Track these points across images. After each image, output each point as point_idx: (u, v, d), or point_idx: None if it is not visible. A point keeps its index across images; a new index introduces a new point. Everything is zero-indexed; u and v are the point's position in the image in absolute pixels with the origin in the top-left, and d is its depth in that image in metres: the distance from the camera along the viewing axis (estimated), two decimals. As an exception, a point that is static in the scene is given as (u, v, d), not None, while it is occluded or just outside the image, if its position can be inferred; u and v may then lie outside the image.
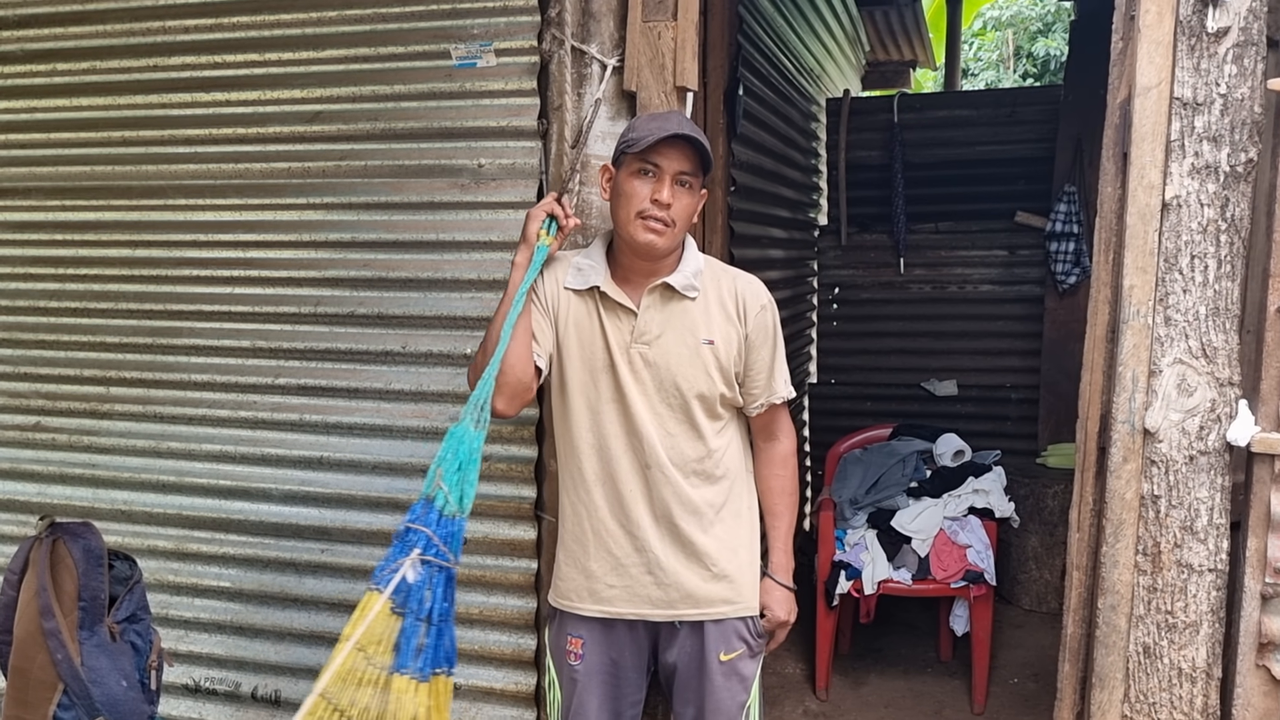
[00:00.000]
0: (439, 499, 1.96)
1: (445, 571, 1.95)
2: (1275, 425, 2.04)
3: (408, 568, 1.92)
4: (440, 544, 1.94)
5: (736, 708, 2.14)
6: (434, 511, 1.96)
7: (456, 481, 1.97)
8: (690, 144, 1.99)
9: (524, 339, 2.05)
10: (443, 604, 1.95)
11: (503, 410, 2.07)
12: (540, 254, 2.07)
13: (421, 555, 1.93)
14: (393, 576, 1.91)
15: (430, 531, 1.94)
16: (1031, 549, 4.50)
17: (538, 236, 2.07)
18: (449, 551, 1.96)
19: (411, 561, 1.92)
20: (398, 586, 1.90)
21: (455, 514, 1.97)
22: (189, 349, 2.89)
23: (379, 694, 1.90)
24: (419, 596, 1.92)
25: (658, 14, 2.38)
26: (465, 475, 1.98)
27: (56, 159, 2.94)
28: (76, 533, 2.18)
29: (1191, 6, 2.03)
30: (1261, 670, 2.09)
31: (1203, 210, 2.06)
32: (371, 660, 1.90)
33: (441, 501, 1.96)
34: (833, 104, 5.73)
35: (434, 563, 1.94)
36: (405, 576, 1.91)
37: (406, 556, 1.92)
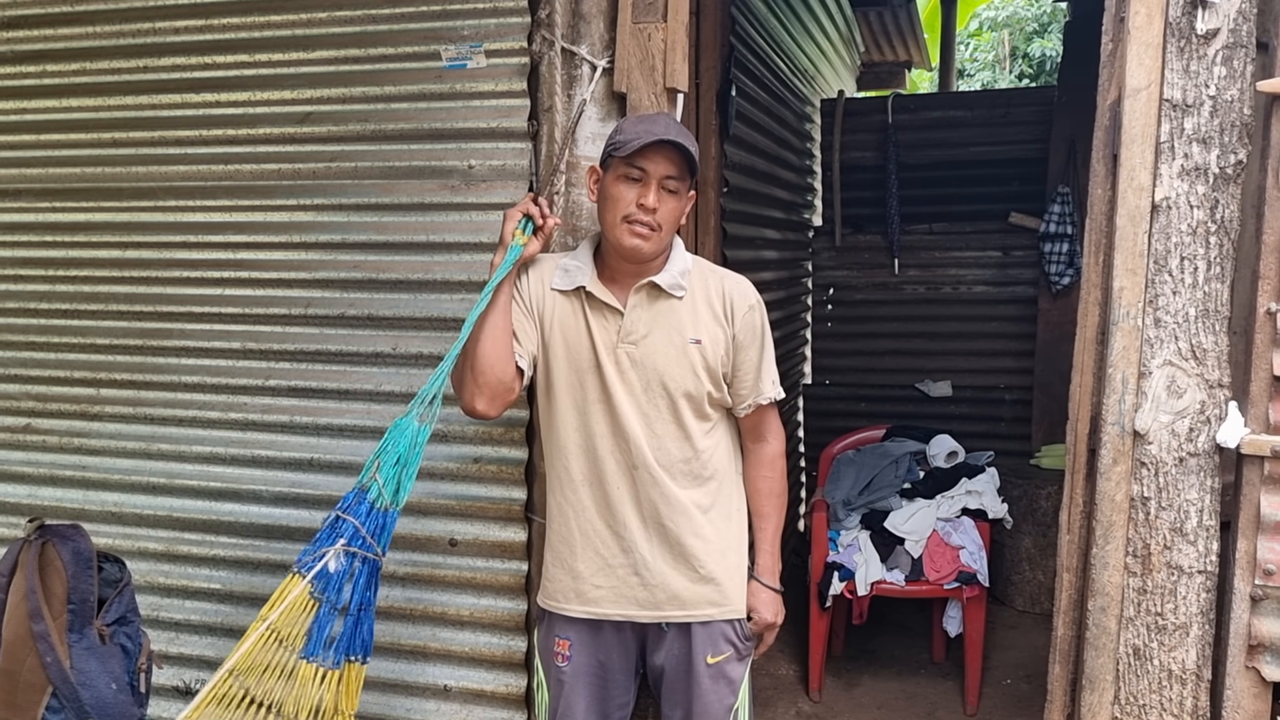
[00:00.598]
0: (373, 490, 1.98)
1: (370, 563, 1.98)
2: (1264, 427, 2.04)
3: (331, 557, 1.95)
4: (367, 536, 1.97)
5: (724, 710, 2.14)
6: (365, 503, 1.98)
7: (393, 475, 1.99)
8: (676, 149, 1.99)
9: (504, 339, 2.05)
10: (365, 593, 1.99)
11: (484, 411, 2.07)
12: (513, 253, 2.07)
13: (346, 546, 1.96)
14: (316, 563, 1.94)
15: (358, 523, 1.97)
16: (1025, 550, 4.50)
17: (512, 236, 2.07)
18: (375, 544, 1.98)
19: (335, 552, 1.95)
20: (318, 573, 1.93)
21: (387, 507, 1.99)
22: (179, 350, 2.88)
23: (285, 679, 1.94)
24: (338, 586, 1.96)
25: (648, 15, 2.37)
26: (404, 469, 2.00)
27: (46, 160, 2.93)
28: (65, 535, 2.17)
29: (1181, 8, 2.03)
30: (1251, 672, 2.09)
31: (1192, 212, 2.06)
32: (284, 643, 1.94)
33: (375, 494, 1.98)
34: (827, 105, 5.74)
35: (358, 554, 1.96)
36: (327, 565, 1.94)
37: (332, 545, 1.95)
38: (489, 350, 2.03)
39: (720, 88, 3.35)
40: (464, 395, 2.07)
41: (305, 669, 1.95)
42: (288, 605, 1.94)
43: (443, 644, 2.73)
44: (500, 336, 2.05)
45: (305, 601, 1.95)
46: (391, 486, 1.99)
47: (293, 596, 1.94)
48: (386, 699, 2.77)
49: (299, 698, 1.95)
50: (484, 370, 2.03)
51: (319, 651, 1.97)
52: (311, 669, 1.96)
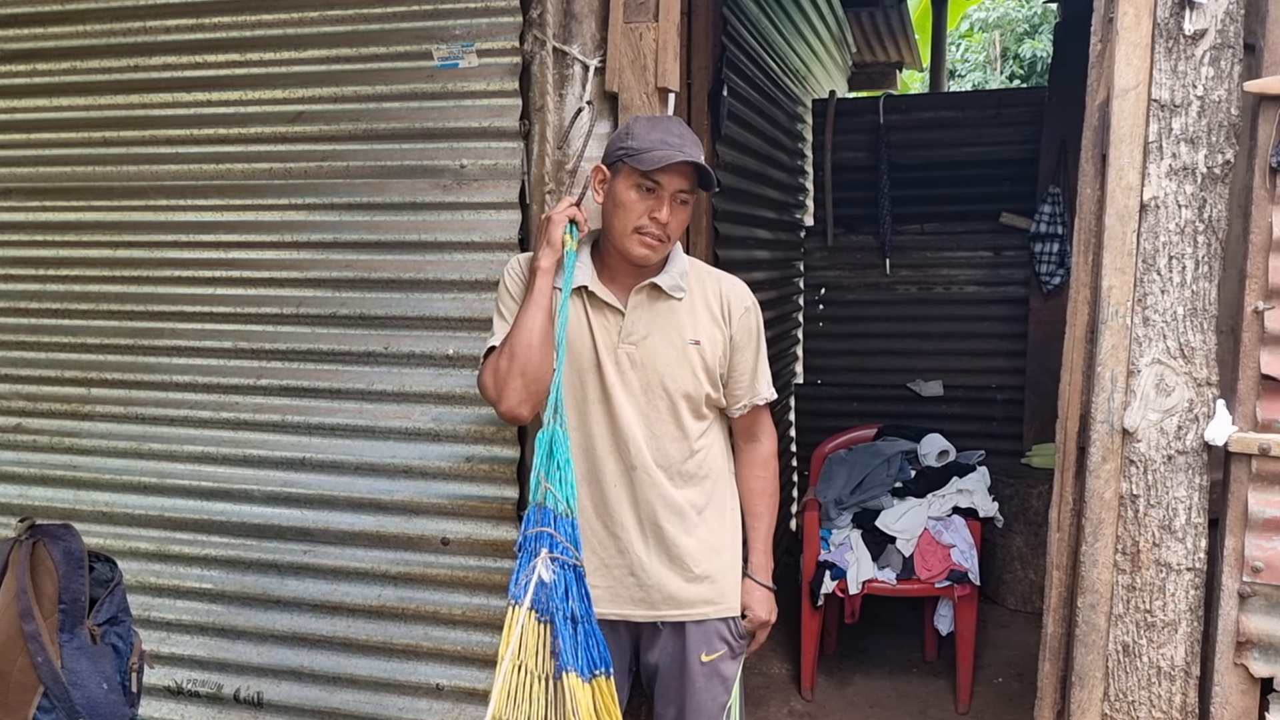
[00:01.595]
0: (550, 501, 1.97)
1: (575, 570, 1.96)
2: (1252, 425, 2.05)
3: (541, 569, 1.93)
4: (565, 541, 1.95)
5: (718, 709, 2.15)
6: (549, 514, 1.96)
7: (559, 482, 1.98)
8: (693, 164, 1.99)
9: (551, 343, 2.03)
10: (581, 604, 1.96)
11: (526, 416, 2.06)
12: (570, 259, 2.06)
13: (550, 554, 1.94)
14: (528, 585, 1.92)
15: (553, 531, 1.95)
16: (1016, 549, 4.52)
17: (563, 243, 2.06)
18: (573, 548, 1.96)
19: (543, 561, 1.93)
20: (535, 593, 1.91)
21: (568, 513, 1.97)
22: (170, 350, 2.88)
23: (552, 699, 1.91)
24: (559, 597, 1.93)
25: (639, 15, 2.38)
26: (564, 475, 1.98)
27: (36, 159, 2.93)
28: (57, 535, 2.16)
29: (1169, 9, 2.04)
30: (1239, 668, 2.10)
31: (1180, 211, 2.07)
32: (533, 673, 1.91)
33: (553, 503, 1.97)
34: (819, 105, 5.75)
35: (563, 560, 1.95)
36: (541, 578, 1.92)
37: (535, 560, 1.93)
38: (543, 357, 2.01)
39: (712, 88, 3.35)
40: (509, 400, 2.03)
41: (569, 680, 1.91)
42: (519, 635, 1.90)
43: (435, 643, 2.73)
44: (550, 342, 2.03)
45: (535, 626, 1.92)
46: (564, 494, 1.97)
47: (520, 625, 1.90)
48: (379, 698, 2.78)
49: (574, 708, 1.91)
50: (537, 378, 2.02)
51: (571, 661, 1.92)
52: (573, 678, 1.91)
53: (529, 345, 2.01)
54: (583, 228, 2.10)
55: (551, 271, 2.05)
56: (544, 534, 1.95)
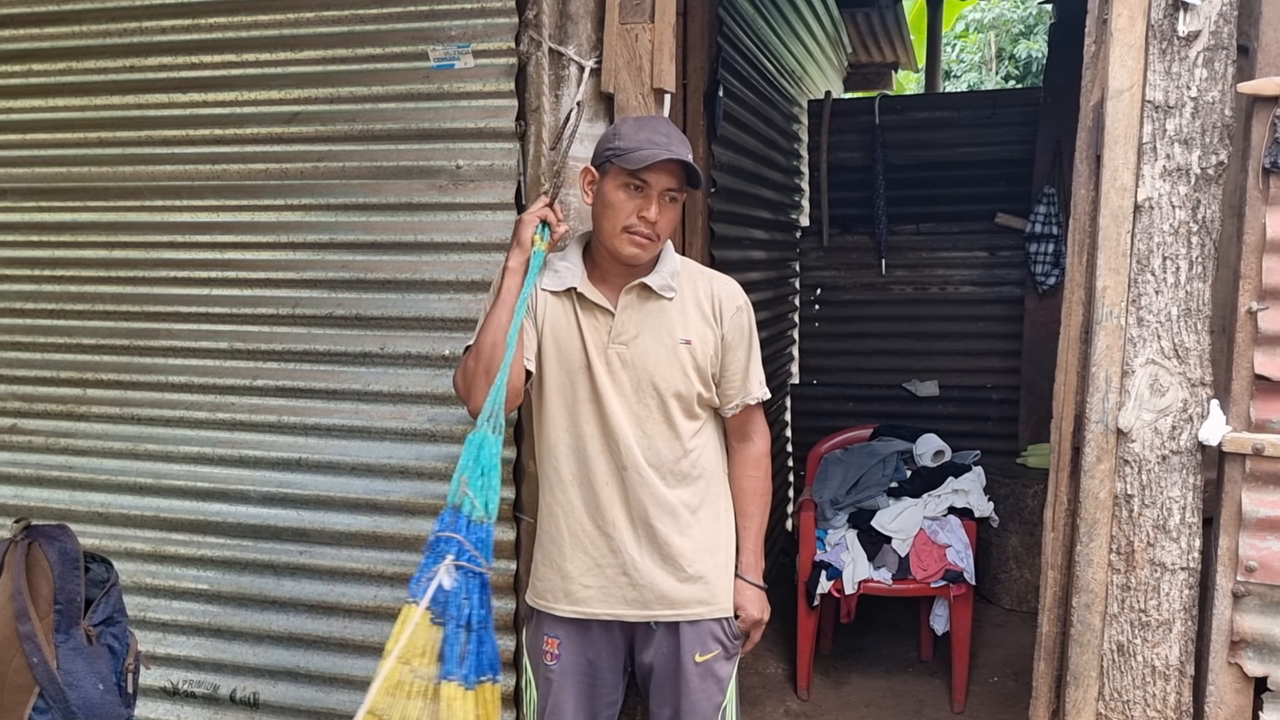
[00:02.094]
0: (466, 505, 1.97)
1: (480, 577, 1.95)
2: (1246, 425, 2.06)
3: (443, 574, 1.92)
4: (472, 549, 1.94)
5: (712, 709, 2.15)
6: (463, 518, 1.96)
7: (481, 487, 1.97)
8: (680, 162, 2.00)
9: (520, 345, 2.05)
10: (480, 610, 1.95)
11: None
12: (537, 260, 2.06)
13: (455, 561, 1.93)
14: (429, 586, 1.91)
15: (462, 537, 1.94)
16: (1012, 548, 4.53)
17: (532, 242, 2.07)
18: (481, 557, 1.96)
19: (446, 568, 1.93)
20: (435, 596, 1.91)
21: (483, 519, 1.97)
22: (166, 350, 2.88)
23: (428, 704, 1.90)
24: (457, 603, 1.92)
25: (635, 16, 2.38)
26: (488, 480, 1.98)
27: (32, 160, 2.93)
28: (52, 535, 2.16)
29: (1163, 11, 2.05)
30: (1233, 668, 2.11)
31: (1174, 212, 2.08)
32: (416, 672, 1.91)
33: (469, 508, 1.96)
34: (814, 105, 5.75)
35: (468, 568, 1.94)
36: (441, 584, 1.91)
37: (440, 564, 1.92)
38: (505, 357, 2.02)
39: (707, 88, 3.35)
40: (476, 399, 2.04)
41: (448, 689, 1.91)
42: (411, 633, 1.90)
43: (431, 643, 2.73)
44: (519, 342, 2.04)
45: (427, 628, 1.92)
46: (483, 499, 1.97)
47: (414, 625, 1.91)
48: (375, 699, 2.77)
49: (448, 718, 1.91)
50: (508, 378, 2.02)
51: (455, 670, 1.92)
52: (453, 687, 1.91)
53: (494, 344, 2.02)
54: (557, 229, 2.10)
55: (520, 272, 2.05)
56: (453, 539, 1.94)
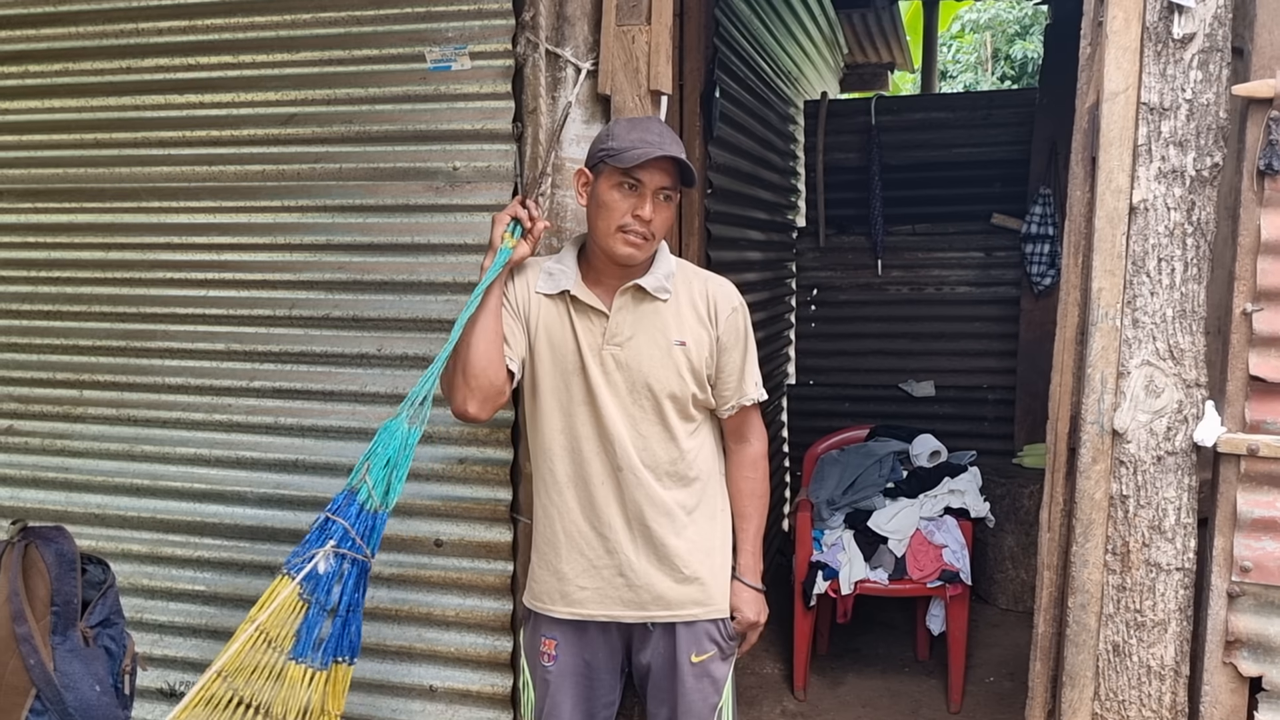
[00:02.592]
0: (362, 492, 2.00)
1: (359, 564, 1.99)
2: (1241, 425, 2.07)
3: (320, 559, 1.96)
4: (357, 537, 1.98)
5: (708, 709, 2.15)
6: (355, 504, 2.00)
7: (383, 476, 2.00)
8: (673, 160, 2.00)
9: (495, 342, 2.06)
10: (353, 594, 2.00)
11: (475, 414, 2.07)
12: (502, 256, 2.08)
13: (336, 548, 1.97)
14: (305, 565, 1.95)
15: (348, 524, 1.98)
16: (1008, 548, 4.53)
17: (501, 240, 2.08)
18: (365, 545, 1.99)
19: (325, 553, 1.96)
20: (308, 575, 1.95)
21: (377, 508, 2.01)
22: (163, 352, 2.88)
23: (273, 680, 1.96)
24: (327, 588, 1.97)
25: (631, 18, 2.39)
26: (394, 471, 2.01)
27: (28, 161, 2.92)
28: (49, 537, 2.16)
29: (1158, 13, 2.06)
30: (1228, 667, 2.12)
31: (1169, 214, 2.09)
32: (273, 644, 1.96)
33: (364, 495, 1.99)
34: (810, 106, 5.76)
35: (348, 555, 1.97)
36: (317, 567, 1.95)
37: (322, 547, 1.96)
38: (482, 354, 2.04)
39: (704, 90, 3.36)
40: (455, 399, 2.07)
41: (293, 670, 1.97)
42: (277, 606, 1.95)
43: (428, 644, 2.73)
44: (492, 340, 2.05)
45: (294, 603, 1.96)
46: (381, 488, 2.00)
47: (282, 598, 1.95)
48: (372, 700, 2.78)
49: (287, 699, 1.96)
50: (476, 374, 2.04)
51: (307, 652, 1.98)
52: (300, 670, 1.97)
53: (468, 344, 2.04)
54: (534, 225, 2.11)
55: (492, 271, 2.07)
56: (339, 525, 1.98)
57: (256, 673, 1.95)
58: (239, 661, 1.93)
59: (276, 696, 1.96)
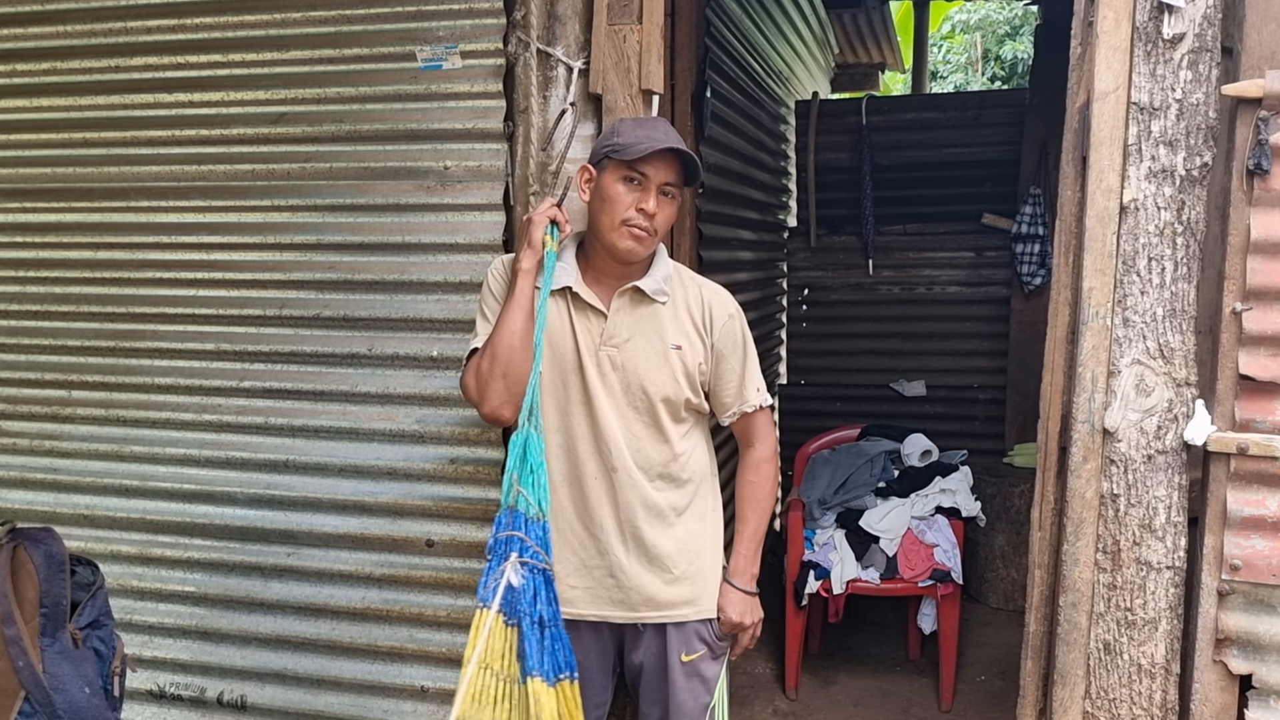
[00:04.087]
0: (521, 504, 1.97)
1: (544, 573, 1.96)
2: (1230, 424, 2.07)
3: (510, 573, 1.93)
4: (536, 546, 1.95)
5: (699, 709, 2.15)
6: (520, 516, 1.97)
7: (532, 485, 1.98)
8: (678, 156, 2.00)
9: (531, 346, 2.04)
10: (549, 607, 1.96)
11: (509, 418, 2.05)
12: (550, 260, 2.06)
13: (520, 558, 1.94)
14: (497, 588, 1.92)
15: (524, 535, 1.95)
16: (999, 548, 4.54)
17: (543, 244, 2.06)
18: (543, 553, 1.96)
19: (512, 565, 1.94)
20: (504, 596, 1.92)
21: (539, 516, 1.98)
22: (152, 352, 2.86)
23: (515, 706, 1.92)
24: (528, 600, 1.93)
25: (623, 17, 2.38)
26: (537, 478, 1.99)
27: (16, 160, 2.91)
28: (37, 538, 2.15)
29: (1148, 13, 2.06)
30: (1219, 665, 2.12)
31: (1159, 213, 2.09)
32: (499, 675, 1.92)
33: (525, 506, 1.97)
34: (801, 106, 5.77)
35: (533, 564, 1.95)
36: (510, 582, 1.92)
37: (505, 564, 1.93)
38: (524, 358, 2.02)
39: (695, 89, 3.36)
40: (491, 401, 2.03)
41: (533, 686, 1.91)
42: (487, 638, 1.91)
43: (420, 645, 2.73)
44: (530, 344, 2.03)
45: (503, 630, 1.93)
46: (536, 496, 1.98)
47: (488, 629, 1.91)
48: (363, 700, 2.77)
49: (537, 714, 1.91)
50: (519, 378, 2.02)
51: (538, 667, 1.92)
52: (539, 683, 1.91)
53: (510, 346, 2.01)
54: (564, 228, 2.10)
55: (533, 273, 2.05)
56: (514, 538, 1.96)
57: (497, 706, 1.91)
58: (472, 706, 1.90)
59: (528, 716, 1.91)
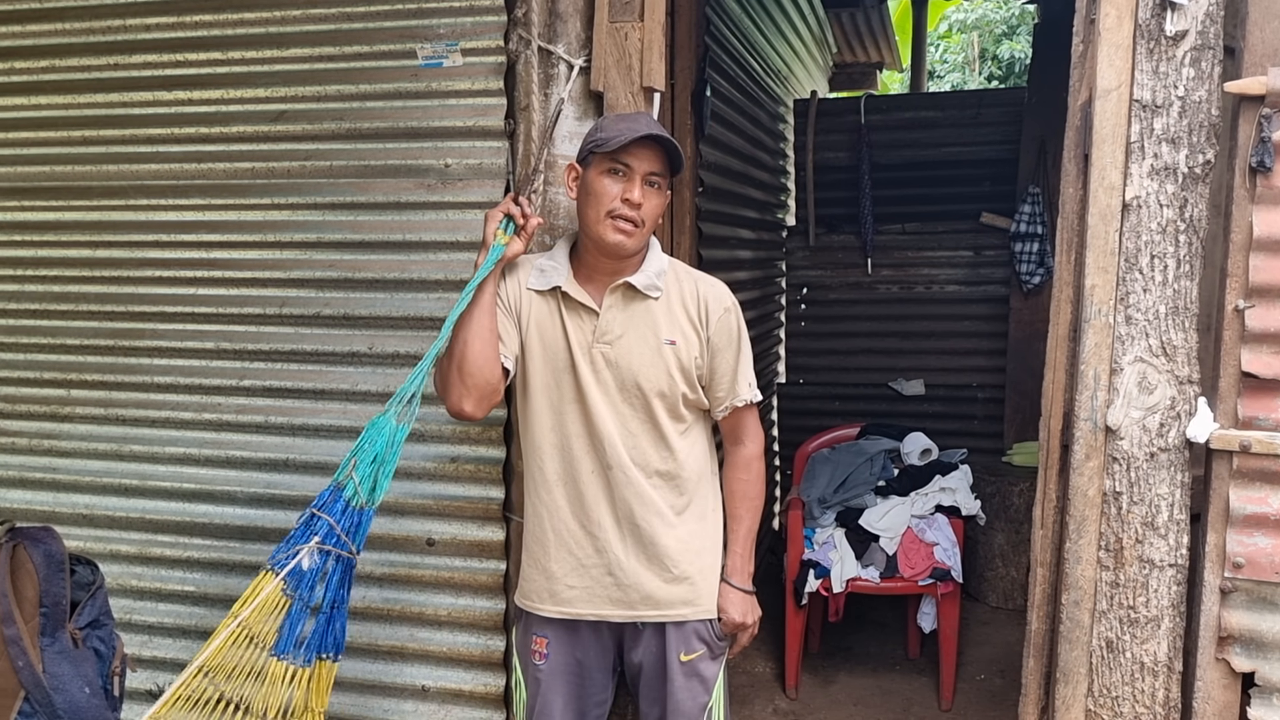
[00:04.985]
0: (348, 488, 1.99)
1: (344, 561, 1.99)
2: (1233, 422, 2.07)
3: (304, 555, 1.96)
4: (342, 534, 1.98)
5: (698, 709, 2.14)
6: (340, 500, 1.99)
7: (370, 473, 2.00)
8: (661, 145, 2.00)
9: (490, 340, 2.05)
10: (338, 591, 2.00)
11: (471, 412, 2.06)
12: (494, 253, 2.07)
13: (320, 544, 1.96)
14: (289, 561, 1.94)
15: (333, 520, 1.98)
16: (998, 546, 4.55)
17: (494, 237, 2.07)
18: (350, 541, 1.99)
19: (309, 549, 1.96)
20: (291, 571, 1.94)
21: (363, 505, 2.00)
22: (151, 351, 2.86)
23: (255, 678, 1.95)
24: (311, 584, 1.97)
25: (624, 15, 2.38)
26: (381, 468, 2.00)
27: (15, 158, 2.89)
28: (37, 538, 2.14)
29: (1150, 10, 2.06)
30: (1221, 663, 2.12)
31: (1162, 211, 2.09)
32: (255, 641, 1.95)
33: (350, 492, 1.99)
34: (800, 105, 5.77)
35: (332, 552, 1.97)
36: (301, 563, 1.95)
37: (306, 543, 1.95)
38: (478, 352, 2.02)
39: (695, 87, 3.35)
40: (451, 397, 2.05)
41: (276, 667, 1.96)
42: (260, 603, 1.94)
43: (420, 644, 2.72)
44: (488, 338, 2.04)
45: (278, 599, 1.96)
46: (368, 485, 1.99)
47: (265, 594, 1.94)
48: (364, 700, 2.76)
49: (268, 696, 1.96)
50: (472, 372, 2.02)
51: (290, 649, 1.97)
52: (282, 667, 1.96)
53: (464, 341, 2.03)
54: (528, 222, 2.09)
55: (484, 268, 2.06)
56: (324, 521, 1.98)
57: (238, 670, 1.94)
58: (220, 658, 1.92)
59: (258, 694, 1.96)
